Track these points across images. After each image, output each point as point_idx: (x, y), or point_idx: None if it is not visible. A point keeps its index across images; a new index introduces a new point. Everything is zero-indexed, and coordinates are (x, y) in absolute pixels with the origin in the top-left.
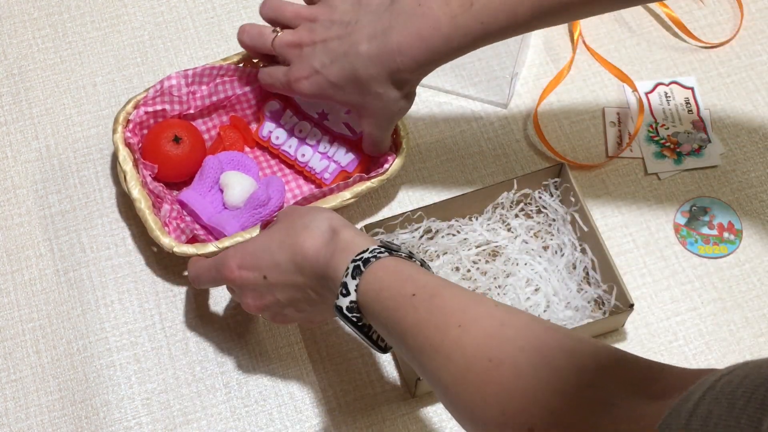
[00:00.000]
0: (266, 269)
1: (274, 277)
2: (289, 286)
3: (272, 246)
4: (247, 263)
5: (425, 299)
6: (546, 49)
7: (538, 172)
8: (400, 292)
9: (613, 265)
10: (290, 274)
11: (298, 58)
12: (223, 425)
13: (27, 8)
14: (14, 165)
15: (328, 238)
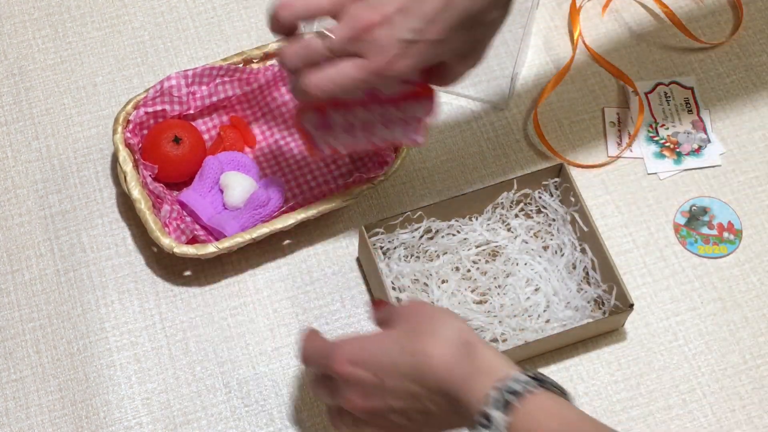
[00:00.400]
0: (382, 371)
1: (390, 381)
2: (406, 394)
3: (393, 347)
4: (360, 360)
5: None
6: (546, 49)
7: (538, 172)
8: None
9: (613, 265)
10: (409, 382)
11: (374, 43)
12: (223, 425)
13: (27, 8)
14: (14, 165)
15: (461, 353)
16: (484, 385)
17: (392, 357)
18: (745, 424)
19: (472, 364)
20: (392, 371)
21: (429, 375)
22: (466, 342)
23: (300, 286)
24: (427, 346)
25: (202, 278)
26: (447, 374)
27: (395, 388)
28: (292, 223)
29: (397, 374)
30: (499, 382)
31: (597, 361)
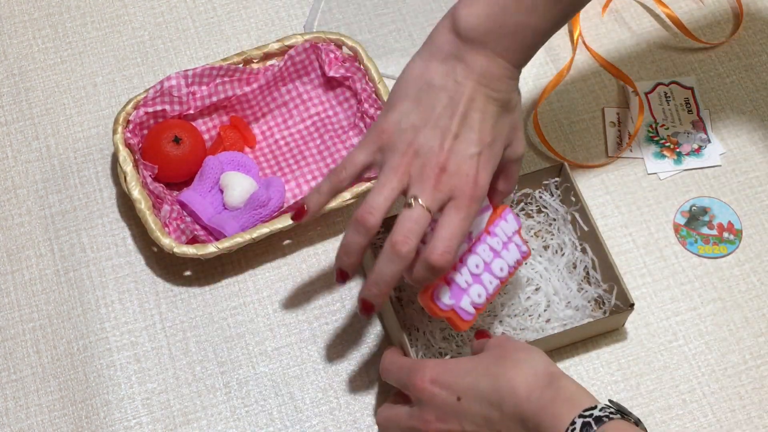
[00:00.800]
0: (463, 392)
1: (469, 403)
2: (481, 417)
3: (477, 370)
4: (443, 380)
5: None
6: (546, 49)
7: (539, 171)
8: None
9: (614, 265)
10: (487, 406)
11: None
12: (223, 425)
13: (27, 8)
14: (14, 165)
15: (544, 381)
16: (569, 413)
17: (474, 379)
18: (745, 424)
19: (555, 393)
20: (472, 393)
21: (509, 399)
22: (549, 373)
23: (300, 286)
24: (510, 371)
25: (202, 278)
26: (527, 401)
27: (472, 411)
28: (292, 223)
29: (476, 396)
30: (584, 411)
31: (597, 361)
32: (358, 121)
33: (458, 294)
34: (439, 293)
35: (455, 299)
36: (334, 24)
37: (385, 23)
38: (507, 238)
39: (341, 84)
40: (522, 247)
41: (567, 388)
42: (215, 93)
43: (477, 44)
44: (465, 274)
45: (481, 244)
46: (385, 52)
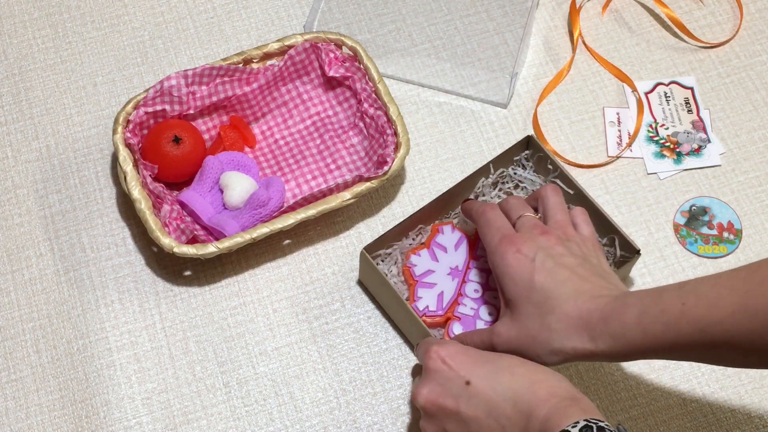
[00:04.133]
0: (476, 376)
1: (479, 388)
2: (487, 406)
3: (499, 364)
4: (456, 360)
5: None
6: (546, 49)
7: (509, 149)
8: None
9: (609, 218)
10: (501, 398)
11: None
12: (223, 425)
13: (27, 8)
14: (14, 165)
15: (567, 395)
16: (578, 415)
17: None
18: (745, 424)
19: (576, 402)
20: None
21: (526, 397)
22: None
23: (300, 286)
24: (536, 375)
25: (202, 278)
26: (545, 402)
27: (480, 397)
28: (292, 223)
29: (491, 385)
30: (593, 417)
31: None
32: (358, 121)
33: (470, 322)
34: (453, 330)
35: (469, 328)
36: (334, 24)
37: (385, 23)
38: None
39: (341, 84)
40: None
41: (587, 404)
42: (215, 93)
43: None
44: (468, 303)
45: (470, 270)
46: (385, 52)
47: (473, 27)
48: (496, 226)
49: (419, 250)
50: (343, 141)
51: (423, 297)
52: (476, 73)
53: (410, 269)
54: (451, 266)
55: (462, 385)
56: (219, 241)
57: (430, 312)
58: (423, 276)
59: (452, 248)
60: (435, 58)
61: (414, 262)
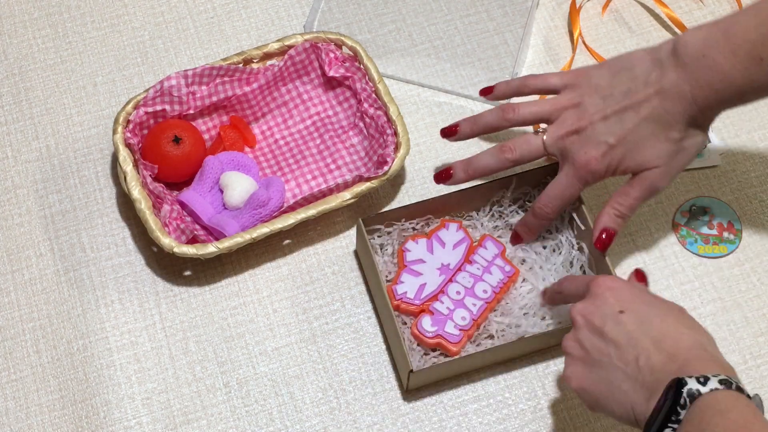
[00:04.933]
0: (632, 310)
1: (630, 320)
2: (629, 337)
3: (658, 307)
4: (619, 293)
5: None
6: (546, 49)
7: (538, 169)
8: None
9: (608, 263)
10: (645, 335)
11: (580, 143)
12: (223, 425)
13: (27, 8)
14: (14, 165)
15: (713, 352)
16: (719, 371)
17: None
18: None
19: (716, 360)
20: (640, 317)
21: (672, 343)
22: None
23: (300, 286)
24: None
25: (202, 278)
26: (688, 352)
27: (627, 327)
28: (292, 223)
29: (641, 321)
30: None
31: None
32: (358, 120)
33: (441, 321)
34: (422, 323)
35: (438, 326)
36: (334, 24)
37: (385, 23)
38: (488, 262)
39: (341, 84)
40: (506, 267)
41: (729, 365)
42: (215, 93)
43: (680, 63)
44: (446, 301)
45: (460, 272)
46: (385, 52)
47: (473, 27)
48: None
49: (419, 238)
50: (343, 141)
51: (405, 282)
52: (476, 73)
53: (404, 253)
54: (443, 262)
55: (615, 311)
56: (219, 241)
57: (407, 299)
58: (413, 263)
59: (450, 246)
60: (435, 58)
61: (409, 248)
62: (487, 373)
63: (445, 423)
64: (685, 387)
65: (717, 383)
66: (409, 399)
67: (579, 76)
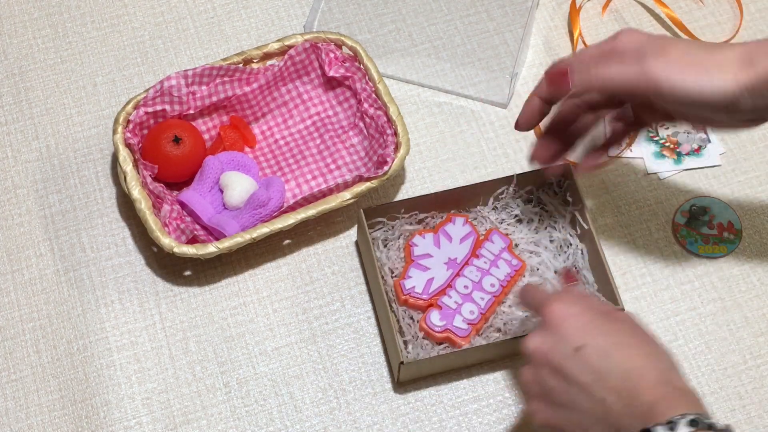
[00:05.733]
0: (591, 344)
1: (592, 355)
2: (594, 377)
3: (619, 336)
4: (577, 321)
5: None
6: (546, 49)
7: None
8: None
9: (606, 267)
10: (608, 371)
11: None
12: (223, 425)
13: (27, 8)
14: (14, 165)
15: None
16: (685, 409)
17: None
18: (745, 424)
19: (683, 396)
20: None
21: (636, 380)
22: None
23: (300, 286)
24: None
25: (202, 278)
26: (653, 390)
27: (588, 364)
28: (292, 223)
29: (602, 356)
30: (700, 411)
31: None
32: (358, 121)
33: (449, 315)
34: (431, 317)
35: (446, 320)
36: (334, 24)
37: (385, 23)
38: (495, 256)
39: (341, 84)
40: (513, 261)
41: (695, 397)
42: (215, 93)
43: None
44: (454, 296)
45: (468, 266)
46: (385, 52)
47: (473, 27)
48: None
49: (426, 233)
50: (343, 141)
51: (413, 277)
52: (476, 73)
53: (411, 248)
54: (450, 256)
55: (574, 348)
56: (219, 241)
57: (416, 293)
58: (420, 258)
59: (457, 240)
60: (435, 58)
61: (416, 243)
62: (486, 371)
63: (445, 423)
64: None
65: (686, 427)
66: (409, 399)
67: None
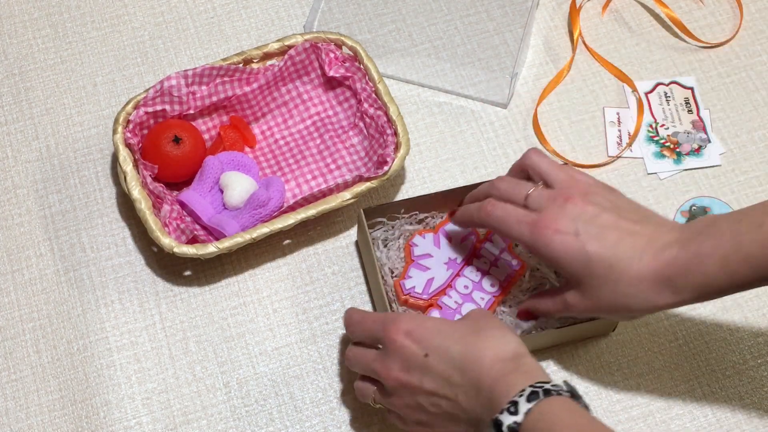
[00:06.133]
0: (433, 349)
1: (436, 361)
2: (442, 378)
3: (453, 334)
4: (417, 334)
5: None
6: (546, 49)
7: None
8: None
9: None
10: (452, 368)
11: (559, 209)
12: (223, 425)
13: (27, 8)
14: (14, 165)
15: (509, 356)
16: (524, 382)
17: (446, 341)
18: (745, 424)
19: (516, 366)
20: (441, 353)
21: (473, 366)
22: (517, 352)
23: (300, 286)
24: (482, 343)
25: (202, 278)
26: (490, 369)
27: (436, 369)
28: (292, 223)
29: (444, 357)
30: (537, 382)
31: (597, 361)
32: (358, 121)
33: (449, 315)
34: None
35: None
36: (334, 24)
37: (385, 23)
38: (495, 256)
39: (341, 84)
40: (513, 262)
41: (528, 365)
42: (215, 93)
43: None
44: (454, 296)
45: (468, 266)
46: (385, 52)
47: (473, 27)
48: (515, 219)
49: (426, 233)
50: (343, 141)
51: (413, 277)
52: (476, 73)
53: (411, 248)
54: (450, 256)
55: (422, 359)
56: (219, 241)
57: (416, 294)
58: (420, 258)
59: (458, 240)
60: (435, 58)
61: (416, 243)
62: None
63: None
64: (504, 426)
65: (526, 403)
66: None
67: None
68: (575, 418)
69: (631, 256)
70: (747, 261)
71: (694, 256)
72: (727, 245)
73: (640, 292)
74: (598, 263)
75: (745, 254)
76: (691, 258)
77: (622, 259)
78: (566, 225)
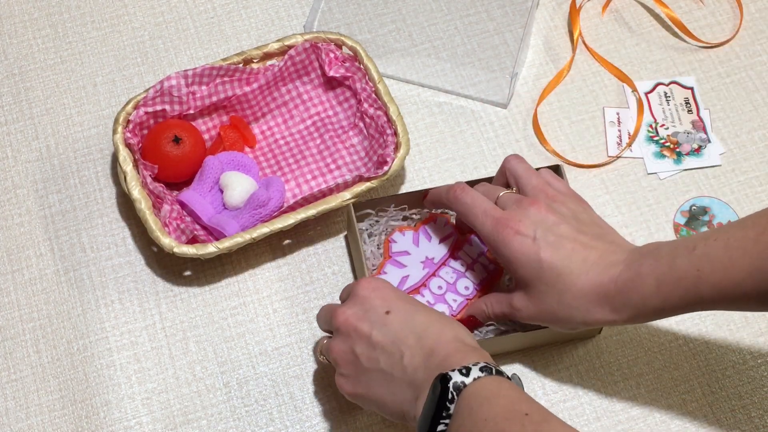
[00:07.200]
0: (397, 309)
1: (395, 319)
2: (395, 335)
3: (420, 308)
4: (385, 293)
5: (536, 421)
6: (546, 49)
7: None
8: (514, 407)
9: None
10: (410, 331)
11: (523, 211)
12: (223, 425)
13: (27, 8)
14: (14, 165)
15: (471, 343)
16: (478, 359)
17: (413, 308)
18: (745, 424)
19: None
20: (404, 315)
21: (433, 337)
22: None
23: (300, 286)
24: (450, 324)
25: (202, 278)
26: (447, 343)
27: (392, 327)
28: (292, 223)
29: (405, 319)
30: (486, 361)
31: (597, 361)
32: (358, 121)
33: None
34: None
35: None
36: (334, 24)
37: (385, 23)
38: (472, 260)
39: (341, 84)
40: (490, 266)
41: (487, 355)
42: (215, 93)
43: None
44: (427, 295)
45: (444, 267)
46: (385, 52)
47: (473, 27)
48: (481, 210)
49: (406, 230)
50: (343, 141)
51: (388, 273)
52: (476, 73)
53: (389, 244)
54: (427, 256)
55: (382, 314)
56: (219, 241)
57: None
58: (398, 255)
59: (437, 240)
60: (435, 58)
61: (396, 239)
62: None
63: None
64: (451, 381)
65: (479, 371)
66: None
67: None
68: (519, 395)
69: (580, 270)
70: (679, 283)
71: (635, 275)
72: (663, 267)
73: (581, 305)
74: (549, 271)
75: (678, 276)
76: (632, 277)
77: (572, 271)
78: (527, 228)
